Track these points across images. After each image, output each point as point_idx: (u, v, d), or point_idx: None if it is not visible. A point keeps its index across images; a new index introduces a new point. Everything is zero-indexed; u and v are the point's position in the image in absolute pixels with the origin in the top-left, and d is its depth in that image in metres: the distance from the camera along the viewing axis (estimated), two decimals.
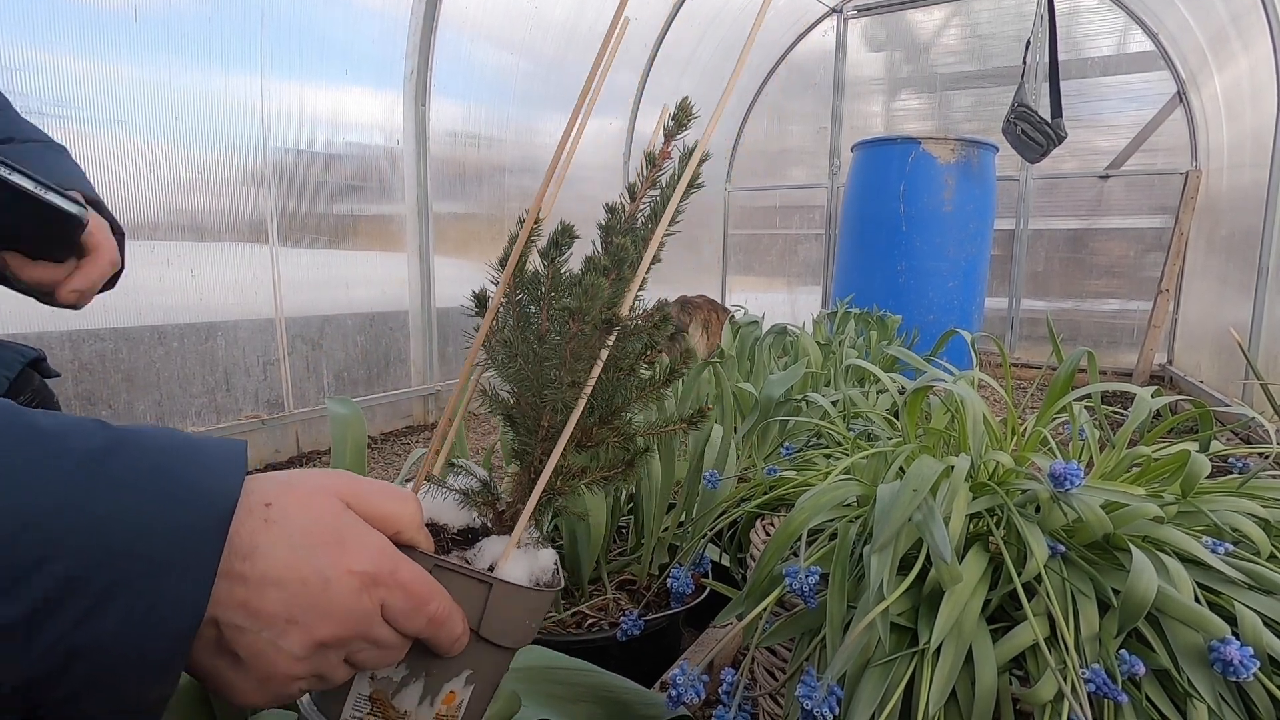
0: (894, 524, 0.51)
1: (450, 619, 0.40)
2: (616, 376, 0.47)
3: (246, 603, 0.33)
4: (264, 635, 0.33)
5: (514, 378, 0.47)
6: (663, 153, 0.47)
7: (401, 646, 0.39)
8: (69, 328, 1.90)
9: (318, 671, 0.36)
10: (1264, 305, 2.81)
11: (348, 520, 0.37)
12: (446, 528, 0.46)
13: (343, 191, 2.66)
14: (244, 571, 0.33)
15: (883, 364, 2.08)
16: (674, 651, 1.09)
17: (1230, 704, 0.46)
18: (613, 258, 0.45)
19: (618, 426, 0.48)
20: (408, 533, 0.40)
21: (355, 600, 0.35)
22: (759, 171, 5.28)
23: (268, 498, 0.34)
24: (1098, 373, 0.86)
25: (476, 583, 0.42)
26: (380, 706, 0.42)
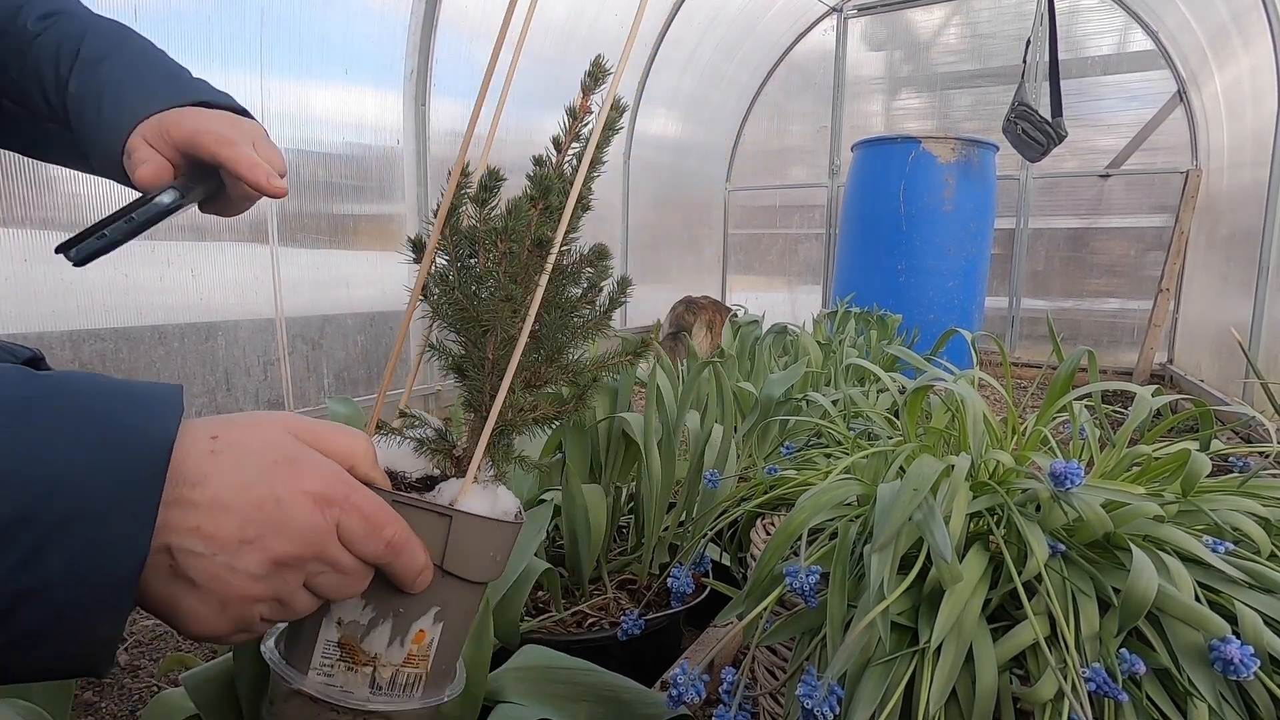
0: (894, 523, 0.51)
1: (409, 546, 0.40)
2: (559, 317, 0.49)
3: (199, 527, 0.33)
4: (219, 559, 0.33)
5: (454, 314, 0.48)
6: (582, 106, 0.50)
7: (362, 573, 0.39)
8: (69, 328, 1.91)
9: (277, 594, 0.36)
10: (1264, 304, 2.81)
11: (299, 448, 0.37)
12: (405, 475, 0.46)
13: (343, 191, 2.66)
14: (194, 498, 0.33)
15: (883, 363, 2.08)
16: (674, 651, 1.10)
17: (1231, 703, 0.46)
18: (537, 186, 0.48)
19: (564, 364, 0.50)
20: (362, 467, 0.40)
21: (309, 518, 0.35)
22: (759, 171, 5.28)
23: (213, 431, 0.35)
24: (1098, 372, 0.86)
25: (436, 516, 0.42)
26: (349, 651, 0.42)
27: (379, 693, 0.43)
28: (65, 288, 1.89)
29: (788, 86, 5.09)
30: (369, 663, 0.42)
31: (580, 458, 1.12)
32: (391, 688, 0.43)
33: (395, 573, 0.40)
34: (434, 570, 0.42)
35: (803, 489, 0.75)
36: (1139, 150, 4.05)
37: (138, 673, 1.16)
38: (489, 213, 0.48)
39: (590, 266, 0.50)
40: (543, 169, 0.49)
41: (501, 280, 0.46)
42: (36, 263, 1.82)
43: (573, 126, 0.50)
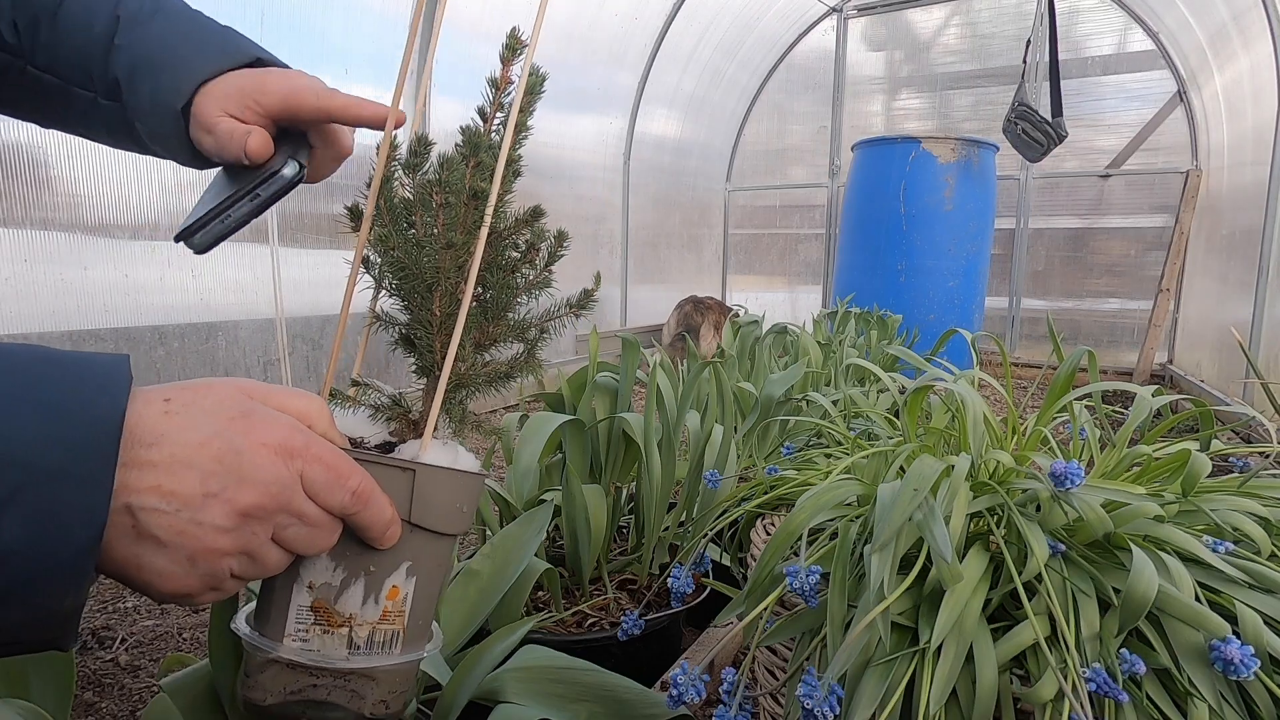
0: (894, 523, 0.51)
1: (375, 496, 0.40)
2: (501, 278, 0.50)
3: (159, 485, 0.33)
4: (183, 514, 0.33)
5: (397, 274, 0.48)
6: (503, 76, 0.52)
7: (329, 524, 0.39)
8: (69, 328, 1.91)
9: (245, 547, 0.36)
10: (1264, 304, 2.81)
11: (253, 404, 0.37)
12: (363, 440, 0.47)
13: (343, 191, 2.65)
14: (151, 458, 0.33)
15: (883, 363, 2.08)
16: (675, 651, 1.10)
17: (1231, 703, 0.46)
18: (468, 144, 0.49)
19: (511, 323, 0.51)
20: (319, 425, 0.40)
21: (272, 468, 0.35)
22: (759, 171, 5.28)
23: (166, 394, 0.35)
24: (1098, 372, 0.86)
25: (399, 471, 0.42)
26: (324, 614, 0.42)
27: (357, 652, 0.43)
28: (65, 288, 1.89)
29: (788, 86, 5.09)
30: (344, 624, 0.42)
31: (580, 458, 1.12)
32: (369, 646, 0.43)
33: (363, 524, 0.40)
34: (402, 525, 0.42)
35: (803, 489, 0.75)
36: (1139, 150, 4.05)
37: (138, 673, 1.16)
38: (422, 178, 0.49)
39: (527, 227, 0.51)
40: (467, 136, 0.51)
41: (440, 231, 0.47)
42: (36, 263, 1.82)
43: (496, 96, 0.52)
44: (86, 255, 1.93)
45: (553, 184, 3.80)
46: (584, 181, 4.06)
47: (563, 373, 1.33)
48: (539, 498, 1.13)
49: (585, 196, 4.10)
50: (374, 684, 0.43)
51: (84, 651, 1.20)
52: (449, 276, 0.47)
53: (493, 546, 0.90)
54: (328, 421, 0.41)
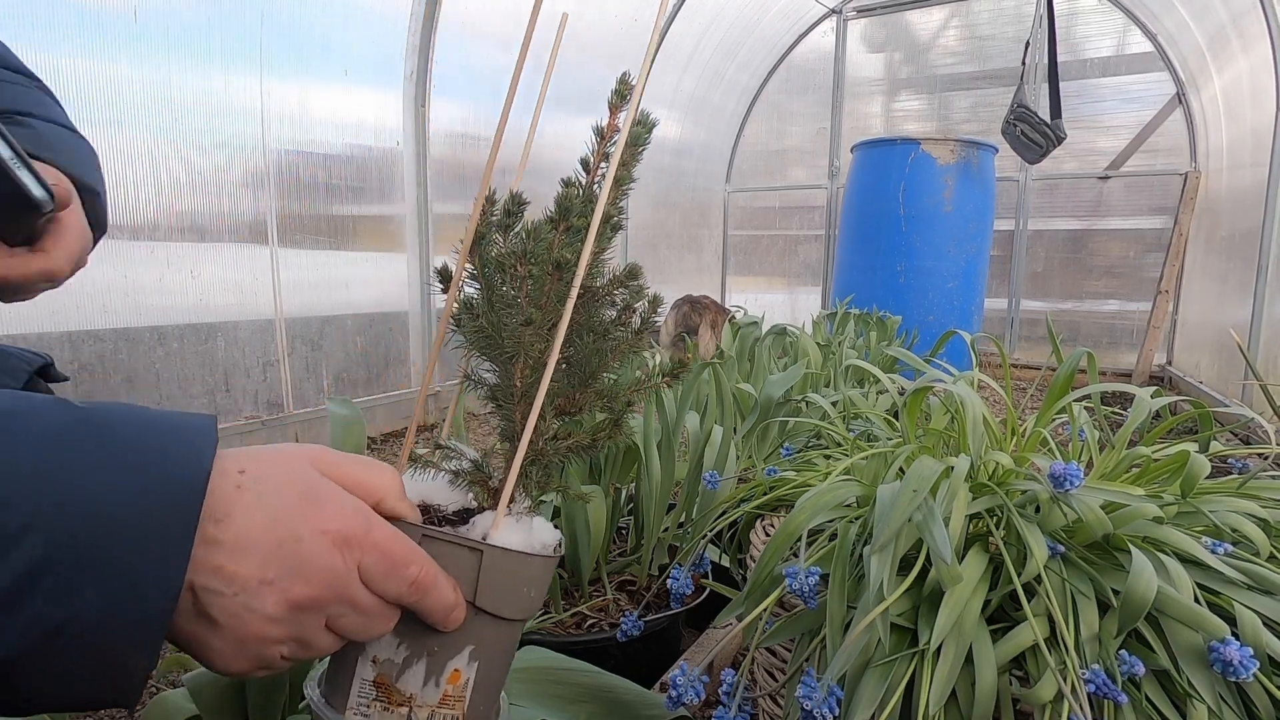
0: (894, 524, 0.51)
1: (436, 585, 0.39)
2: (592, 341, 0.48)
3: (221, 567, 0.33)
4: (238, 598, 0.33)
5: (480, 342, 0.47)
6: (609, 125, 0.49)
7: (386, 613, 0.38)
8: (69, 328, 1.90)
9: (297, 636, 0.36)
10: (1263, 306, 2.81)
11: (322, 483, 0.36)
12: (439, 508, 0.46)
13: (342, 192, 2.66)
14: (218, 536, 0.33)
15: (882, 364, 2.08)
16: (674, 652, 1.10)
17: (1230, 704, 0.46)
18: (559, 207, 0.47)
19: (599, 389, 0.49)
20: (389, 501, 0.39)
21: (328, 559, 0.35)
22: (759, 172, 5.28)
23: (240, 464, 0.34)
24: (1097, 373, 0.86)
25: (467, 550, 0.41)
26: (385, 691, 0.42)
27: None
28: (64, 288, 1.89)
29: (787, 88, 5.09)
30: (404, 703, 0.42)
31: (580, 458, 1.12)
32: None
33: (424, 611, 0.39)
34: (467, 607, 0.41)
35: (802, 490, 0.75)
36: (1138, 152, 4.06)
37: None
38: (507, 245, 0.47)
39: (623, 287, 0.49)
40: (570, 189, 0.49)
41: (524, 303, 0.45)
42: None
43: (600, 146, 0.50)
44: None
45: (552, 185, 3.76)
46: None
47: None
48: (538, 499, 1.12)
49: None
50: None
51: None
52: (529, 349, 0.45)
53: None
54: (398, 495, 0.40)
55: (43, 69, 1.78)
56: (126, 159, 1.98)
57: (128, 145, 1.98)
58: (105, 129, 1.93)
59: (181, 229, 2.15)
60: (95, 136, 1.90)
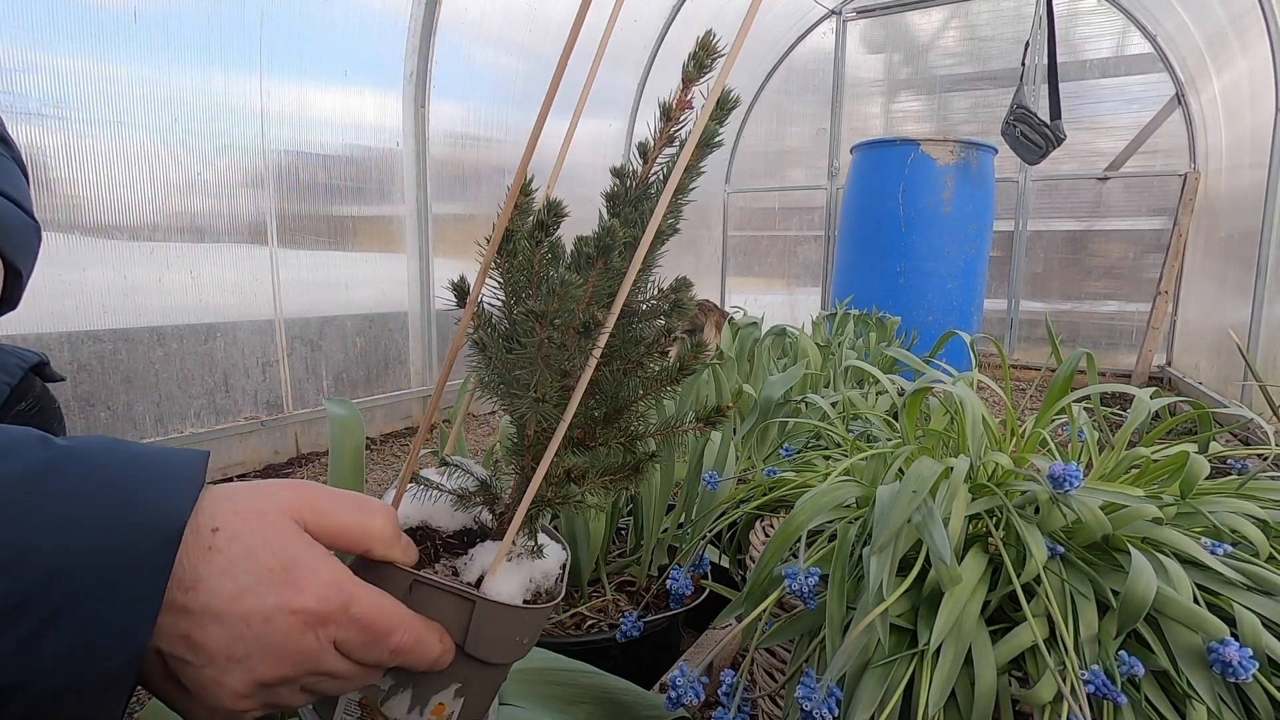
0: (893, 525, 0.51)
1: (419, 645, 0.37)
2: (623, 368, 0.42)
3: (188, 635, 0.32)
4: (206, 670, 0.32)
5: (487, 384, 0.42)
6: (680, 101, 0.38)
7: (365, 673, 0.38)
8: (68, 329, 1.90)
9: (268, 703, 0.35)
10: (1262, 306, 2.81)
11: (298, 546, 0.35)
12: (439, 531, 0.44)
13: (342, 193, 2.66)
14: (186, 603, 0.32)
15: (882, 365, 2.08)
16: (673, 653, 1.09)
17: (1229, 705, 0.46)
18: (597, 244, 0.37)
19: (623, 426, 0.43)
20: (378, 549, 0.38)
21: (300, 640, 0.34)
22: (758, 173, 5.28)
23: (215, 521, 0.33)
24: (1097, 374, 0.86)
25: (459, 599, 0.39)
26: (370, 713, 0.41)
27: None
28: (64, 289, 1.89)
29: (787, 88, 5.09)
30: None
31: None
32: None
33: (407, 665, 0.38)
34: (455, 650, 0.40)
35: (802, 491, 0.75)
36: (1137, 153, 4.06)
37: None
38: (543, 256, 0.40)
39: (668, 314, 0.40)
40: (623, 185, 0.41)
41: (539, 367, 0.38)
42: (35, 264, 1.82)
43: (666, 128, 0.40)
44: (85, 256, 1.93)
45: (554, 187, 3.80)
46: (583, 183, 4.05)
47: None
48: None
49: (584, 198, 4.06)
50: None
51: None
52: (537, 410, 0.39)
53: None
54: (387, 541, 0.38)
55: (43, 69, 1.79)
56: (126, 159, 1.98)
57: (127, 145, 1.98)
58: (105, 129, 1.93)
59: (181, 229, 2.15)
60: (95, 136, 1.91)
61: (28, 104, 1.76)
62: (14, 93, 1.73)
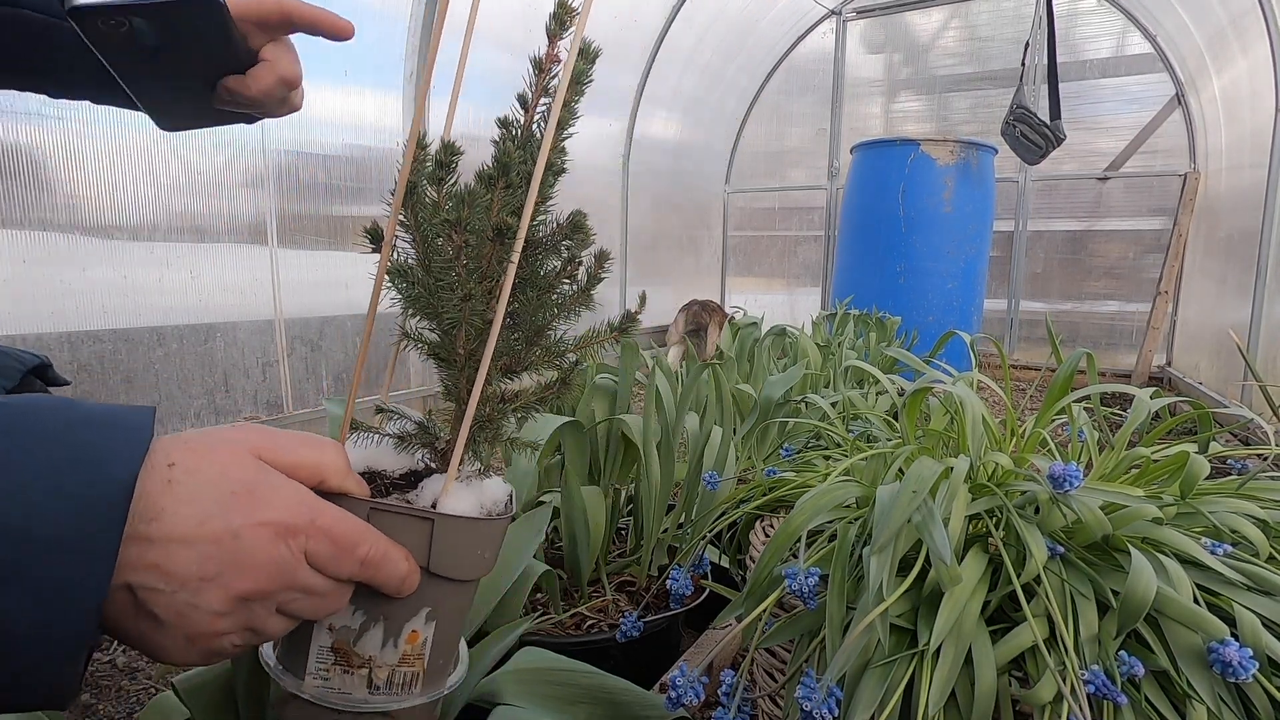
0: (893, 525, 0.51)
1: (387, 559, 0.39)
2: (535, 295, 0.46)
3: (157, 564, 0.32)
4: (179, 595, 0.33)
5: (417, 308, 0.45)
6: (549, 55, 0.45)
7: (339, 591, 0.38)
8: (67, 329, 1.90)
9: (246, 625, 0.35)
10: (1262, 306, 2.81)
11: (258, 473, 0.35)
12: (385, 473, 0.45)
13: (342, 193, 2.66)
14: (150, 534, 0.32)
15: (882, 365, 2.08)
16: (673, 653, 1.09)
17: (1229, 705, 0.46)
18: (497, 164, 0.43)
19: (546, 346, 0.47)
20: (333, 480, 0.39)
21: (271, 550, 0.34)
22: (758, 173, 5.28)
23: (170, 457, 0.33)
24: (1097, 374, 0.86)
25: (417, 520, 0.41)
26: (343, 655, 0.42)
27: (377, 693, 0.43)
28: (63, 289, 1.89)
29: (787, 88, 5.09)
30: (364, 665, 0.42)
31: (579, 459, 1.12)
32: (389, 687, 0.43)
33: (377, 584, 0.39)
34: (421, 573, 0.41)
35: (802, 491, 0.75)
36: (1137, 153, 4.06)
37: (135, 675, 1.16)
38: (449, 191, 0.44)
39: (568, 238, 0.46)
40: (509, 131, 0.46)
41: (461, 274, 0.43)
42: (35, 264, 1.82)
43: (539, 80, 0.46)
44: (85, 256, 1.93)
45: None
46: (583, 183, 4.06)
47: None
48: (537, 499, 1.13)
49: (584, 198, 4.10)
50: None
51: None
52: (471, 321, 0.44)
53: None
54: (341, 472, 0.39)
55: None
56: (126, 159, 1.98)
57: (128, 145, 1.98)
58: (104, 129, 1.93)
59: (181, 229, 2.15)
60: (95, 136, 1.91)
61: (28, 104, 1.76)
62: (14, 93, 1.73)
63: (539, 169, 0.42)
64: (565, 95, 0.43)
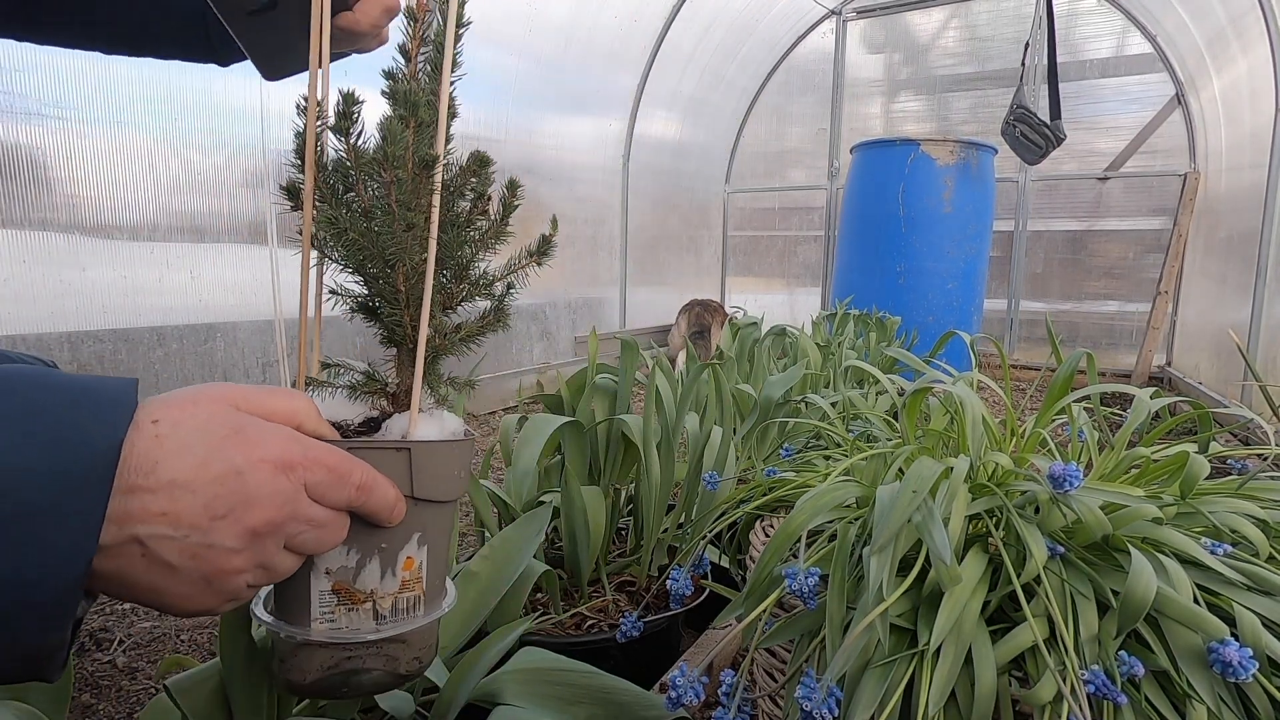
0: (893, 525, 0.51)
1: (377, 484, 0.41)
2: (455, 234, 0.49)
3: (165, 512, 0.33)
4: (191, 538, 0.33)
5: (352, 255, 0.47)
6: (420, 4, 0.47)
7: (339, 522, 0.40)
8: (67, 329, 1.90)
9: (259, 562, 0.36)
10: (1262, 306, 2.81)
11: (241, 419, 0.36)
12: (346, 423, 0.47)
13: None
14: (150, 485, 0.32)
15: (882, 365, 2.08)
16: (673, 653, 1.09)
17: (1229, 705, 0.46)
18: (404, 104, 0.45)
19: (474, 279, 0.50)
20: (309, 424, 0.40)
21: (275, 483, 0.35)
22: (758, 173, 5.28)
23: (153, 414, 0.34)
24: (1096, 374, 0.86)
25: (394, 451, 0.43)
26: (345, 595, 0.43)
27: (384, 622, 0.44)
28: (64, 289, 1.89)
29: (787, 89, 5.09)
30: (367, 599, 0.44)
31: (579, 459, 1.12)
32: (394, 614, 0.45)
33: (370, 512, 0.41)
34: (406, 500, 0.43)
35: (802, 491, 0.75)
36: (1137, 153, 4.06)
37: (135, 675, 1.16)
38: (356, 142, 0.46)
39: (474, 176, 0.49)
40: (398, 83, 0.48)
41: (393, 209, 0.45)
42: (35, 264, 1.82)
43: (415, 29, 0.48)
44: (85, 256, 1.93)
45: (552, 185, 3.81)
46: (583, 183, 4.06)
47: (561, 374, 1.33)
48: (538, 499, 1.12)
49: (585, 198, 4.10)
50: (405, 646, 0.46)
51: (81, 653, 1.20)
52: (412, 253, 0.46)
53: (491, 548, 0.90)
54: (316, 417, 0.41)
55: (42, 68, 1.79)
56: (126, 159, 1.98)
57: (128, 145, 1.98)
58: (105, 129, 1.93)
59: (181, 229, 2.15)
60: (95, 136, 1.91)
61: (28, 104, 1.76)
62: (14, 93, 1.73)
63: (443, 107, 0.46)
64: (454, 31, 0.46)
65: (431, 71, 0.48)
